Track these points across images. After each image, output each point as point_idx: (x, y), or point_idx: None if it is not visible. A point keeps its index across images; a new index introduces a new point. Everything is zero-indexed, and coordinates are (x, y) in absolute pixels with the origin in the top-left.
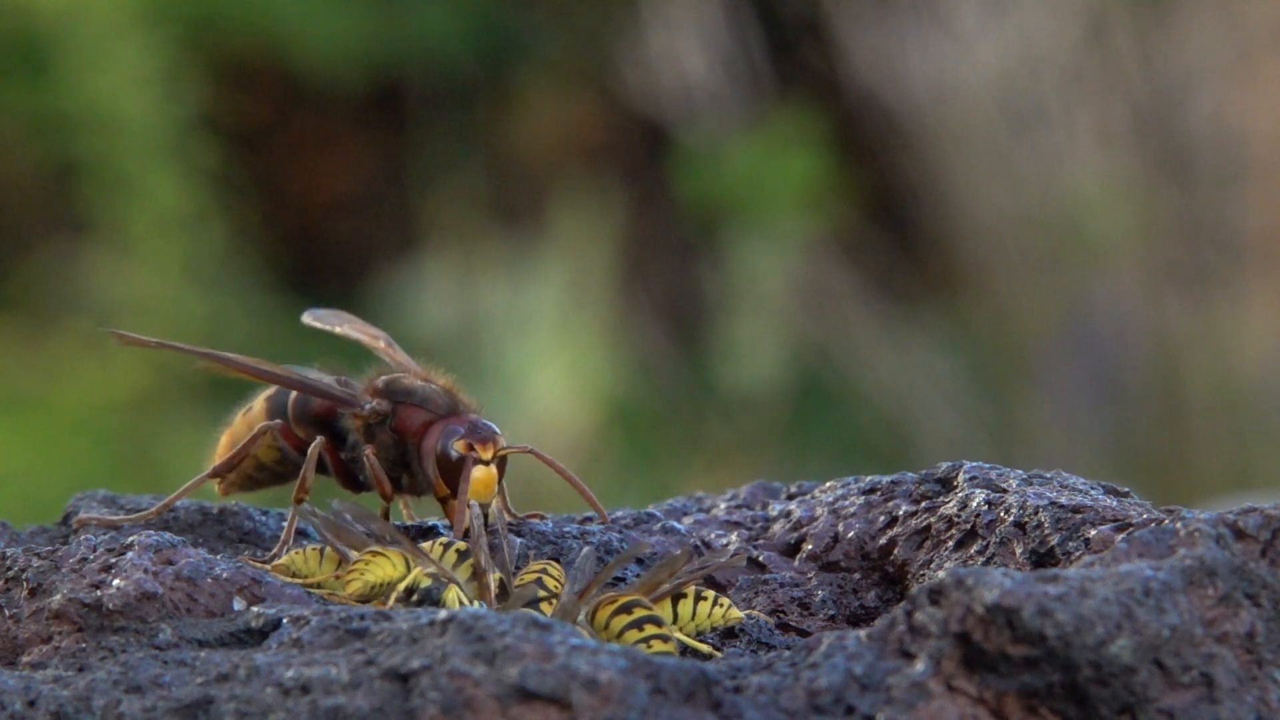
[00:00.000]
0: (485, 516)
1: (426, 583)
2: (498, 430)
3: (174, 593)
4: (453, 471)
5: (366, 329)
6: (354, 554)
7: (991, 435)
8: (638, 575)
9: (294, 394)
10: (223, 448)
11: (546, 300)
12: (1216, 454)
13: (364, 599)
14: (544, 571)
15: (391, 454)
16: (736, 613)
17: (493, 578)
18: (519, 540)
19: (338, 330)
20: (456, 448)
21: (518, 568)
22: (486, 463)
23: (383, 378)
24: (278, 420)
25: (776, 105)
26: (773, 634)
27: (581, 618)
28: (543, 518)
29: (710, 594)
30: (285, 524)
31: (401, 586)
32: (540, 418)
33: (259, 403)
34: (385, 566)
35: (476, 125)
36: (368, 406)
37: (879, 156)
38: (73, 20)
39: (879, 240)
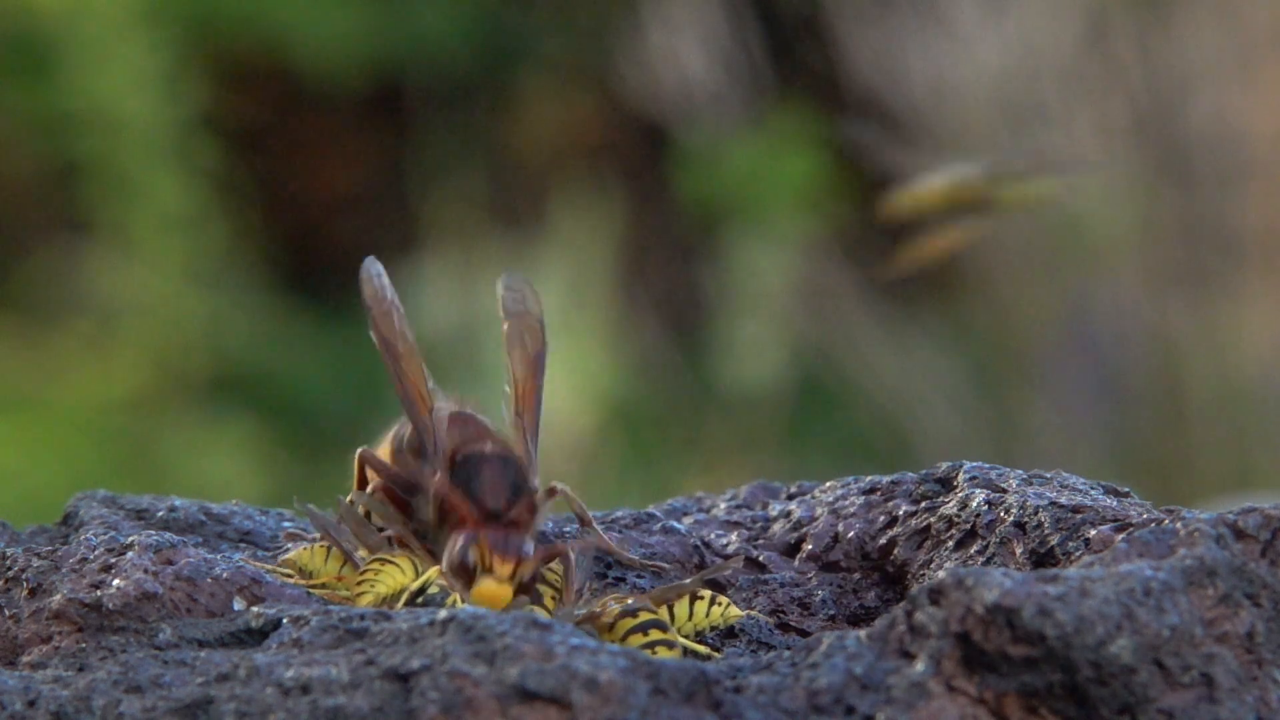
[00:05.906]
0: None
1: (434, 589)
2: (526, 547)
3: (174, 593)
4: (465, 580)
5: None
6: (360, 554)
7: (991, 435)
8: (633, 577)
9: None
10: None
11: (546, 300)
12: (1216, 454)
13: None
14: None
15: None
16: (736, 610)
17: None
18: None
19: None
20: (471, 555)
21: None
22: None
23: (463, 450)
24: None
25: (776, 105)
26: (773, 634)
27: (580, 614)
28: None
29: (708, 593)
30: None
31: (409, 590)
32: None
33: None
34: (395, 575)
35: (476, 125)
36: (436, 479)
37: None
38: (73, 20)
39: (879, 240)
